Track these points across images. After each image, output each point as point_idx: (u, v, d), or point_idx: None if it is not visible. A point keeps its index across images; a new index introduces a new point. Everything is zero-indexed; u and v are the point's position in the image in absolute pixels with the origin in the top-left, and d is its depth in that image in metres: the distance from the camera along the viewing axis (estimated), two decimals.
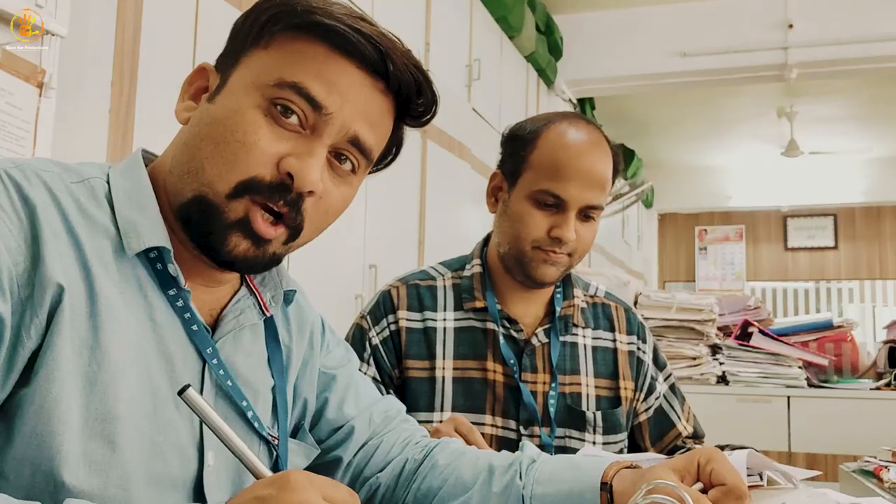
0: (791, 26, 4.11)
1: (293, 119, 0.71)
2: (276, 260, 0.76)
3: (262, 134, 0.70)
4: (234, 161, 0.70)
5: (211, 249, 0.72)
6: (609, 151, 1.26)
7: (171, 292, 0.73)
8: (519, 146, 1.27)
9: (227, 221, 0.70)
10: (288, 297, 0.86)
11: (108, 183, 0.73)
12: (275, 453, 0.81)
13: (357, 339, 1.30)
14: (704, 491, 0.77)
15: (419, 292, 1.32)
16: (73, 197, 0.69)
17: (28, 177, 0.67)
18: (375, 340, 1.29)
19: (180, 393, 0.62)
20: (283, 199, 0.71)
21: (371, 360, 1.28)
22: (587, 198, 1.21)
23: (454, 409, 1.25)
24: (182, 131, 0.76)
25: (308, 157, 0.71)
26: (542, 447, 1.22)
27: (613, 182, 1.28)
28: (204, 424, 0.71)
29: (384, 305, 1.31)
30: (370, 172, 0.83)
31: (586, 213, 1.23)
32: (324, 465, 0.93)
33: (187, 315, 0.73)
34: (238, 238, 0.71)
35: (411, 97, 0.77)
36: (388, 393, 1.25)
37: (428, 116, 0.82)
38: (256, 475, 0.64)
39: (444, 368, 1.27)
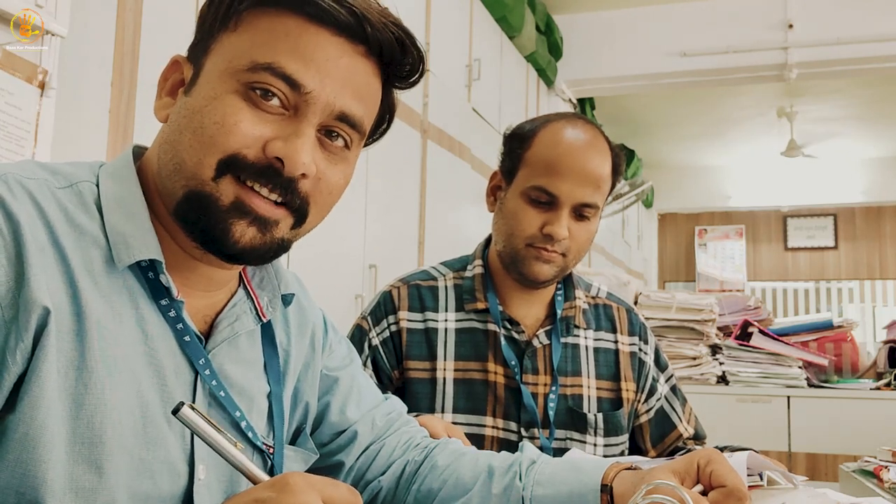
0: (791, 26, 4.11)
1: (274, 101, 0.68)
2: (284, 247, 0.73)
3: (242, 116, 0.67)
4: (211, 143, 0.67)
5: (215, 242, 0.69)
6: (607, 151, 1.25)
7: (164, 302, 0.70)
8: (516, 144, 1.27)
9: (221, 207, 0.68)
10: (286, 300, 0.84)
11: (98, 185, 0.71)
12: (269, 462, 0.80)
13: (356, 340, 1.29)
14: (705, 493, 0.77)
15: (420, 293, 1.32)
16: (59, 205, 0.66)
17: (11, 188, 0.63)
18: (375, 341, 1.28)
19: (174, 412, 0.60)
20: (272, 183, 0.68)
21: (369, 363, 1.27)
22: (580, 195, 1.21)
23: (455, 411, 1.25)
24: (162, 129, 0.73)
25: (295, 139, 0.68)
26: (542, 450, 1.21)
27: (614, 183, 1.28)
28: (197, 438, 0.69)
29: (385, 306, 1.31)
30: (367, 144, 0.79)
31: (580, 212, 1.23)
32: (325, 469, 0.92)
33: (179, 326, 0.71)
34: (243, 226, 0.68)
35: (395, 58, 0.73)
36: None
37: (416, 76, 0.78)
38: (256, 484, 0.63)
39: (444, 370, 1.26)
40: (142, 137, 1.50)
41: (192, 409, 0.61)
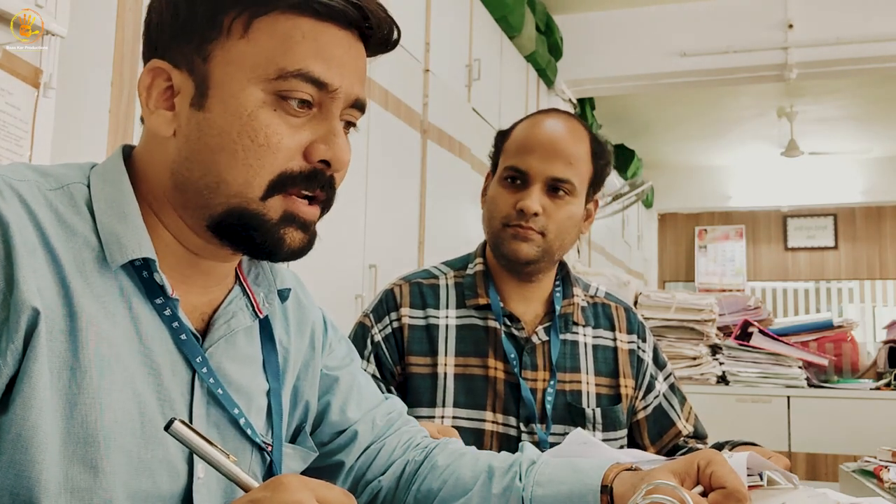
0: (791, 26, 4.11)
1: (301, 104, 0.70)
2: (316, 237, 0.76)
3: (282, 131, 0.69)
4: (259, 165, 0.68)
5: (268, 252, 0.72)
6: (582, 134, 1.29)
7: (159, 301, 0.70)
8: (499, 140, 1.34)
9: (271, 222, 0.70)
10: (282, 294, 0.84)
11: (89, 187, 0.70)
12: (269, 459, 0.80)
13: (359, 336, 1.31)
14: (704, 494, 0.77)
15: (422, 290, 1.34)
16: (50, 207, 0.66)
17: (1, 191, 0.63)
18: (378, 337, 1.30)
19: (166, 428, 0.60)
20: (319, 185, 0.71)
21: (372, 358, 1.29)
22: (549, 169, 1.24)
23: (455, 406, 1.27)
24: (165, 142, 0.71)
25: (334, 138, 0.71)
26: (539, 444, 1.23)
27: (597, 170, 1.29)
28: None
29: (387, 303, 1.33)
30: None
31: (554, 187, 1.25)
32: (325, 469, 0.92)
33: (175, 324, 0.71)
34: (292, 232, 0.71)
35: (387, 39, 0.77)
36: (389, 390, 1.26)
37: (391, 48, 0.80)
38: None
39: (445, 365, 1.28)
40: None
41: (184, 423, 0.61)
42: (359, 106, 0.75)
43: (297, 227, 0.72)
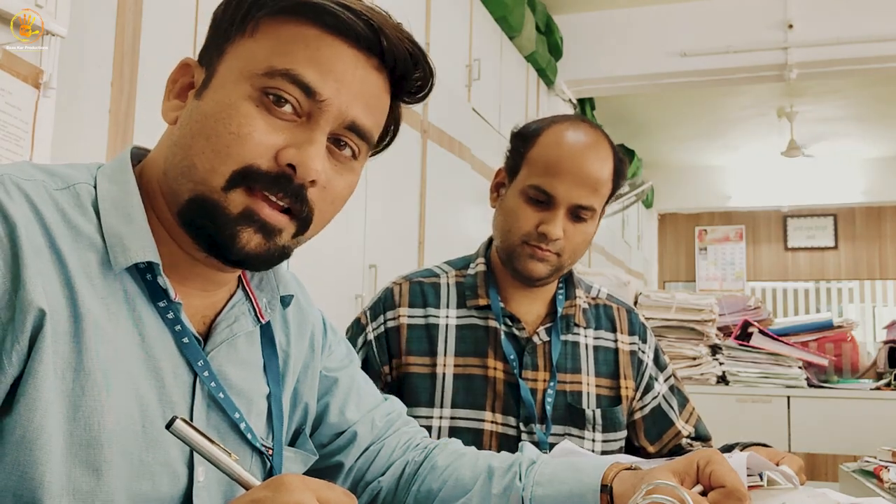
0: (791, 26, 4.11)
1: (287, 108, 0.68)
2: (285, 254, 0.73)
3: (256, 125, 0.67)
4: (226, 153, 0.67)
5: (221, 248, 0.69)
6: (608, 155, 1.26)
7: (162, 304, 0.70)
8: (520, 143, 1.29)
9: (229, 216, 0.68)
10: (285, 301, 0.84)
11: (96, 187, 0.70)
12: (269, 464, 0.80)
13: (354, 333, 1.31)
14: (704, 493, 0.77)
15: (422, 289, 1.33)
16: (57, 207, 0.66)
17: (8, 190, 0.63)
18: (370, 336, 1.30)
19: (168, 426, 0.60)
20: (283, 191, 0.68)
21: (360, 356, 1.29)
22: (576, 197, 1.22)
23: (455, 406, 1.26)
24: (171, 131, 0.73)
25: (308, 146, 0.68)
26: (539, 444, 1.23)
27: (616, 187, 1.29)
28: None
29: (384, 302, 1.32)
30: (370, 155, 0.80)
31: (576, 214, 1.24)
32: (325, 470, 0.92)
33: (178, 328, 0.71)
34: (249, 233, 0.68)
35: (407, 73, 0.75)
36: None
37: (424, 92, 0.78)
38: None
39: (444, 365, 1.28)
40: (142, 137, 1.50)
41: (186, 422, 0.61)
42: (356, 130, 0.72)
43: (256, 229, 0.69)
